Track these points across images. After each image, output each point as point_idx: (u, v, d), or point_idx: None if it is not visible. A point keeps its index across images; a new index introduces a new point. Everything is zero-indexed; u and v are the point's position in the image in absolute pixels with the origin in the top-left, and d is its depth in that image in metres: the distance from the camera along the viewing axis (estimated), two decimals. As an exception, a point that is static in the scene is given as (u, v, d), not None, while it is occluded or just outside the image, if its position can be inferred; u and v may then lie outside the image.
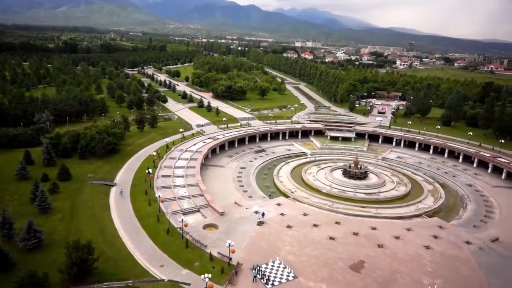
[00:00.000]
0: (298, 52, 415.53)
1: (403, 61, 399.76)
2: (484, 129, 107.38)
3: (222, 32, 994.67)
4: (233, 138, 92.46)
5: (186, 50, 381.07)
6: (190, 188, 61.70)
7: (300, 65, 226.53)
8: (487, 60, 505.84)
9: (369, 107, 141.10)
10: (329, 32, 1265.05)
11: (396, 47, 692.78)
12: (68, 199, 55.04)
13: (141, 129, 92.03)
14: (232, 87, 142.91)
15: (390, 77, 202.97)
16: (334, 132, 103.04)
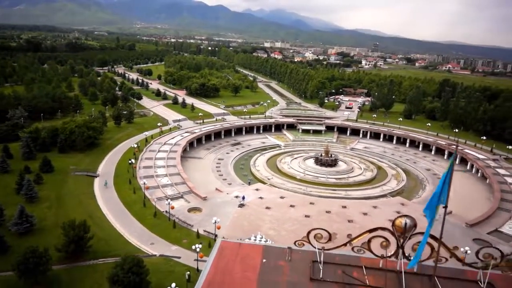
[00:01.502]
0: (267, 52, 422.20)
1: (368, 61, 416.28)
2: (441, 121, 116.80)
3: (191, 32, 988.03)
4: (210, 132, 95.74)
5: (155, 49, 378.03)
6: (172, 177, 64.63)
7: (270, 64, 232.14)
8: (445, 60, 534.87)
9: (337, 103, 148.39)
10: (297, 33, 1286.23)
11: (361, 48, 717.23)
12: (53, 189, 56.54)
13: (118, 125, 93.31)
14: (206, 85, 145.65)
15: (356, 75, 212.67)
16: (306, 125, 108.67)
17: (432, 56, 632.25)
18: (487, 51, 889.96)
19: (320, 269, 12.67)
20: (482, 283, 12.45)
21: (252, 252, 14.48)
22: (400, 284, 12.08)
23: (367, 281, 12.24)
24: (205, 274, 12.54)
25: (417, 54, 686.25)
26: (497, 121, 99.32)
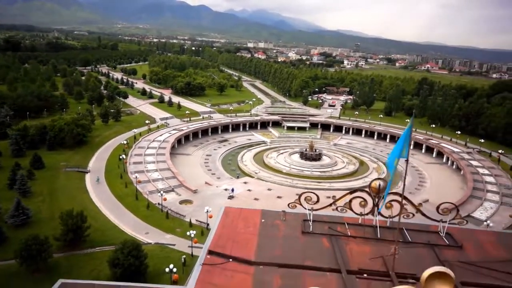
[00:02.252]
0: (251, 52, 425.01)
1: (350, 61, 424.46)
2: (420, 117, 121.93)
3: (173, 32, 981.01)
4: (197, 129, 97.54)
5: (138, 49, 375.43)
6: (162, 172, 66.38)
7: (255, 63, 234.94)
8: (424, 60, 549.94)
9: (321, 101, 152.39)
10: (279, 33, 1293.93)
11: (343, 48, 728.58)
12: (45, 184, 57.57)
13: (105, 123, 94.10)
14: (191, 84, 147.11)
15: (338, 75, 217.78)
16: (290, 122, 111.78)
17: (412, 56, 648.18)
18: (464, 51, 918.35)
19: (310, 225, 15.30)
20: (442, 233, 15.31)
21: (252, 215, 17.05)
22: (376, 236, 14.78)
23: (349, 233, 14.92)
24: (214, 229, 14.95)
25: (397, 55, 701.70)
26: (471, 117, 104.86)
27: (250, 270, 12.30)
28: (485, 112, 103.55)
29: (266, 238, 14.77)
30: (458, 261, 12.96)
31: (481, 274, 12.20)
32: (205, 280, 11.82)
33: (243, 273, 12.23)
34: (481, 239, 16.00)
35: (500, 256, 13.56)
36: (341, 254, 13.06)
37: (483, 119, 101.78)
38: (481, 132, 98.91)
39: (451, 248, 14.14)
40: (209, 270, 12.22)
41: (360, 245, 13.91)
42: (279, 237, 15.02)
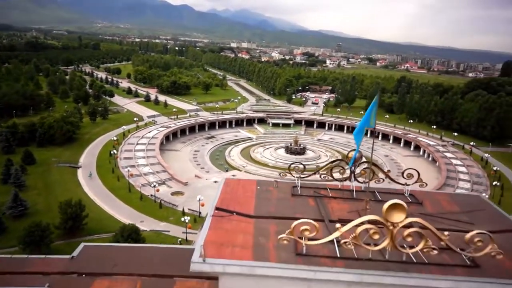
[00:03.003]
0: (235, 52, 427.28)
1: (332, 61, 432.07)
2: (399, 114, 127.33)
3: (155, 32, 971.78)
4: (185, 126, 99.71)
5: (121, 49, 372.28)
6: (153, 166, 68.50)
7: (239, 63, 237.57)
8: (404, 60, 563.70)
9: (304, 99, 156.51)
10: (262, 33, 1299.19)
11: (325, 48, 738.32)
12: (38, 179, 58.94)
13: (93, 121, 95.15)
14: (177, 83, 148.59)
15: (321, 74, 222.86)
16: (275, 119, 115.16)
17: (392, 56, 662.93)
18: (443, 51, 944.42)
19: (298, 190, 18.38)
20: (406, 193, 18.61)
21: (249, 183, 20.01)
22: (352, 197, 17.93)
23: (330, 195, 18.07)
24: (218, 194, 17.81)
25: (378, 55, 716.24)
26: (446, 113, 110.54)
27: (251, 221, 15.19)
28: (459, 108, 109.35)
29: (262, 199, 17.74)
30: (418, 213, 16.20)
31: (436, 221, 15.41)
32: (216, 226, 14.64)
33: (245, 222, 15.13)
34: (438, 198, 19.43)
35: (452, 210, 16.87)
36: (324, 209, 16.08)
37: (457, 115, 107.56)
38: (455, 126, 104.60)
39: (413, 204, 17.39)
40: (218, 220, 15.05)
41: (339, 204, 16.94)
42: (272, 198, 18.01)
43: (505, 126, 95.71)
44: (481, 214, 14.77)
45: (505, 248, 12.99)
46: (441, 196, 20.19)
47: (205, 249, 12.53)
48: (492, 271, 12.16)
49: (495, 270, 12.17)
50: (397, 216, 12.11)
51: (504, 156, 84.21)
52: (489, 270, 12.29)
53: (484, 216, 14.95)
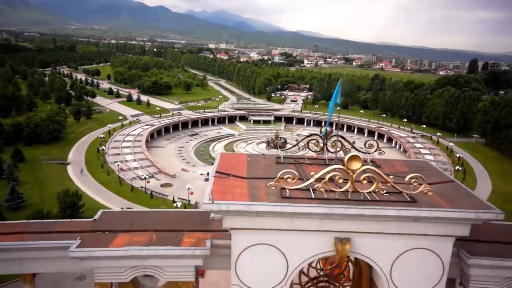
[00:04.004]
0: (213, 53, 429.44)
1: (310, 61, 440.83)
2: (373, 109, 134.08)
3: (131, 34, 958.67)
4: (168, 124, 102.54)
5: (97, 50, 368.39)
6: (141, 161, 71.32)
7: (218, 63, 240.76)
8: (379, 59, 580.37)
9: (283, 97, 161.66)
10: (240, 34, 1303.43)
11: (303, 49, 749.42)
12: (30, 174, 60.84)
13: (78, 120, 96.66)
14: (158, 83, 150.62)
15: (299, 73, 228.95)
16: (256, 116, 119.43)
17: (368, 56, 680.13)
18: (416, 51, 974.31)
19: (281, 159, 22.51)
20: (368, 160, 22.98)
21: (241, 156, 24.06)
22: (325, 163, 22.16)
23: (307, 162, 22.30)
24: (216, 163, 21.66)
25: (354, 54, 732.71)
26: (416, 107, 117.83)
27: (244, 180, 19.15)
28: (428, 102, 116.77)
29: (252, 166, 21.82)
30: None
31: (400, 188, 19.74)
32: (218, 182, 18.52)
33: (240, 181, 19.11)
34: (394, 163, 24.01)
35: (403, 170, 21.30)
36: (302, 171, 20.18)
37: (426, 109, 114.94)
38: (424, 120, 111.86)
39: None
40: (219, 179, 18.95)
41: (315, 168, 21.05)
42: (260, 166, 22.15)
43: (468, 118, 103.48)
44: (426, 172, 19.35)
45: (438, 192, 18.16)
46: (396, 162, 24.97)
47: (212, 195, 16.74)
48: (425, 203, 16.97)
49: (427, 203, 16.96)
50: (355, 164, 16.77)
51: (467, 146, 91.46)
52: (423, 203, 17.10)
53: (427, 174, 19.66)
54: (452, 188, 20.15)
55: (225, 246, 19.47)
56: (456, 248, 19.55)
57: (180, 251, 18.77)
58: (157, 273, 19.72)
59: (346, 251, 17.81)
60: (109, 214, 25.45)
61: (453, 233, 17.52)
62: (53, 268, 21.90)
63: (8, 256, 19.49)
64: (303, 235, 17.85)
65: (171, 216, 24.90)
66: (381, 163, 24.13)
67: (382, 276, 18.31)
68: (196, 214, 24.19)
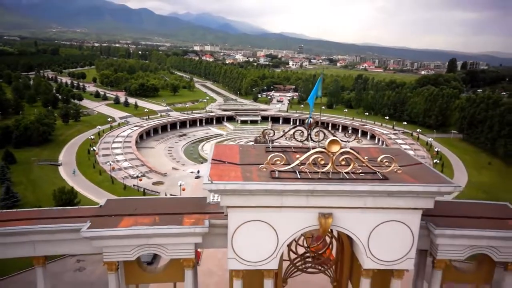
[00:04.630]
0: (199, 55, 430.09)
1: (295, 62, 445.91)
2: (356, 108, 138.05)
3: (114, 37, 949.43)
4: (157, 125, 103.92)
5: (81, 54, 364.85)
6: (132, 161, 72.71)
7: (204, 65, 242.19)
8: (362, 60, 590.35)
9: (270, 97, 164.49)
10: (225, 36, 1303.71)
11: (288, 50, 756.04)
12: (22, 175, 61.62)
13: (66, 123, 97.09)
14: (145, 85, 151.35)
15: (284, 74, 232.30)
16: (243, 117, 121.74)
17: (352, 56, 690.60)
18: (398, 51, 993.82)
19: (270, 148, 24.89)
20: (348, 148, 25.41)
21: (233, 146, 26.59)
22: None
23: (293, 150, 24.76)
24: (211, 153, 23.93)
25: (338, 55, 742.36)
26: (398, 105, 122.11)
27: (238, 166, 21.58)
28: (408, 101, 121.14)
29: (244, 155, 24.28)
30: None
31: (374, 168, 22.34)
32: (215, 167, 20.90)
33: (234, 167, 21.49)
34: (370, 150, 26.83)
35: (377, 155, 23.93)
36: (290, 158, 22.57)
37: (407, 107, 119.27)
38: (405, 117, 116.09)
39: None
40: (215, 165, 21.34)
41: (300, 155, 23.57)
42: (252, 154, 24.63)
43: (447, 115, 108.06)
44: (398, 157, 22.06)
45: (408, 171, 20.92)
46: (372, 148, 27.68)
47: (211, 177, 19.16)
48: (395, 180, 19.72)
49: (397, 180, 19.71)
50: (334, 147, 19.48)
51: (446, 141, 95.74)
52: (394, 180, 19.86)
53: (399, 158, 22.40)
54: (419, 169, 23.20)
55: (222, 226, 21.97)
56: (425, 222, 22.45)
57: (182, 229, 21.21)
58: (160, 251, 22.06)
59: (328, 224, 20.56)
60: (113, 201, 27.72)
61: (420, 205, 20.47)
62: (65, 250, 24.02)
63: (23, 239, 21.51)
64: (291, 211, 20.52)
65: (171, 202, 27.24)
66: (358, 149, 27.02)
67: (361, 247, 21.11)
68: (193, 200, 26.51)
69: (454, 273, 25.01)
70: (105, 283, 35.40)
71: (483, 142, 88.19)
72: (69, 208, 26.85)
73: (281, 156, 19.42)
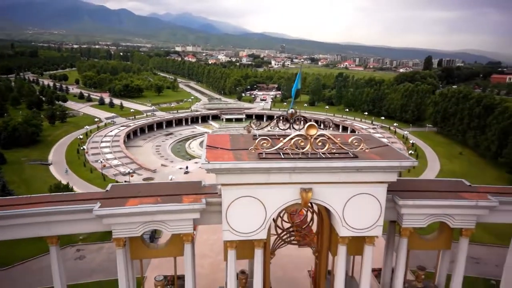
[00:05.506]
0: (181, 56, 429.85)
1: (277, 61, 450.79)
2: (337, 105, 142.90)
3: (93, 38, 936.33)
4: (144, 125, 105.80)
5: (61, 55, 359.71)
6: (121, 159, 74.75)
7: (187, 66, 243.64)
8: (343, 59, 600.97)
9: (253, 96, 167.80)
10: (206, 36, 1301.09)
11: (270, 50, 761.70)
12: (14, 175, 62.93)
13: (52, 124, 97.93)
14: (130, 86, 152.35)
15: (267, 73, 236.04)
16: (228, 115, 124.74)
17: (333, 56, 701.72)
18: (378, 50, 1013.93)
19: (257, 137, 28.10)
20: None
21: (224, 136, 29.61)
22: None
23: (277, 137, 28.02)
24: (205, 141, 26.97)
25: (320, 55, 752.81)
26: (376, 102, 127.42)
27: (230, 151, 24.69)
28: (386, 97, 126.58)
29: (234, 142, 27.43)
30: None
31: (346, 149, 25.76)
32: (210, 151, 23.95)
33: (227, 151, 24.61)
34: (344, 135, 30.33)
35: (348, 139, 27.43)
36: (274, 143, 25.84)
37: (385, 103, 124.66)
38: (384, 113, 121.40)
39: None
40: (210, 150, 24.40)
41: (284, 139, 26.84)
42: (241, 141, 27.81)
43: (422, 110, 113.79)
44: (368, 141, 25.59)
45: (375, 151, 24.64)
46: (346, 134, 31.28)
47: (207, 158, 22.35)
48: (363, 158, 23.29)
49: (365, 158, 23.28)
50: (312, 131, 23.00)
51: (421, 134, 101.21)
52: (362, 158, 23.45)
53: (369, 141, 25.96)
54: (386, 149, 26.96)
55: (216, 204, 25.18)
56: (391, 195, 26.14)
57: (182, 206, 24.37)
58: (163, 227, 25.08)
59: (309, 198, 24.02)
60: (118, 186, 30.62)
61: (385, 179, 24.20)
62: (77, 229, 26.80)
63: (39, 220, 24.22)
64: (276, 187, 23.94)
65: (170, 186, 30.31)
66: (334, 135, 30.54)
67: (337, 217, 24.69)
68: (190, 183, 29.63)
69: (418, 241, 28.82)
70: (105, 269, 38.23)
71: (454, 134, 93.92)
72: (78, 193, 29.41)
73: (267, 139, 22.72)
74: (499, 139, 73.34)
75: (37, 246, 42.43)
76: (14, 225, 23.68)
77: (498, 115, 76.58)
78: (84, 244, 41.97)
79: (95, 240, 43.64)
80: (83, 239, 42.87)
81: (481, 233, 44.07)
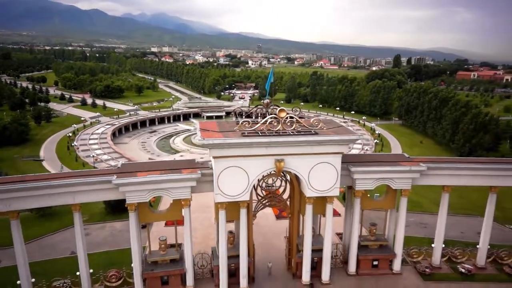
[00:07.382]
0: (158, 56, 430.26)
1: (254, 61, 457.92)
2: (312, 102, 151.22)
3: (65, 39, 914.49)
4: (128, 123, 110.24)
5: (34, 57, 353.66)
6: (110, 154, 79.57)
7: (166, 66, 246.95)
8: (319, 58, 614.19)
9: (232, 95, 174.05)
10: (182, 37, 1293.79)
11: (247, 50, 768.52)
12: (10, 170, 66.74)
13: (39, 124, 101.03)
14: (111, 86, 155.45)
15: (245, 73, 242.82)
16: (209, 113, 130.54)
17: (309, 55, 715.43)
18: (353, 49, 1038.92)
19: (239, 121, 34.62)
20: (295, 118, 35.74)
21: (212, 122, 36.19)
22: (269, 123, 34.64)
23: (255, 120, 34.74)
24: (198, 126, 33.43)
25: (296, 54, 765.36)
26: (348, 98, 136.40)
27: (219, 133, 31.21)
28: (357, 93, 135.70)
29: (221, 126, 34.01)
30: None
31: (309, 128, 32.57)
32: (203, 132, 30.38)
33: (216, 132, 31.10)
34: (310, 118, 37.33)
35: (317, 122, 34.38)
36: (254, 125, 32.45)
37: (355, 99, 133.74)
38: (354, 108, 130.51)
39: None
40: (203, 131, 30.84)
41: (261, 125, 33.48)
42: (227, 126, 34.44)
43: (389, 104, 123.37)
44: (328, 123, 32.64)
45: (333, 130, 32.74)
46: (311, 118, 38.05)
47: (202, 136, 29.34)
48: (323, 134, 30.93)
49: (324, 134, 30.89)
50: (282, 114, 30.59)
51: (388, 126, 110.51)
52: (322, 134, 31.09)
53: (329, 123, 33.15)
54: (340, 128, 34.38)
55: (209, 174, 31.78)
56: (346, 165, 33.37)
57: (183, 176, 30.87)
58: (166, 193, 31.28)
59: (281, 167, 30.96)
60: (127, 164, 36.93)
61: (340, 150, 31.50)
62: (97, 197, 32.85)
63: (66, 190, 30.17)
64: (256, 159, 30.80)
65: (170, 163, 36.82)
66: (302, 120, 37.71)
67: (304, 181, 31.73)
68: (186, 160, 36.24)
69: (369, 202, 36.50)
70: (109, 242, 43.92)
71: (416, 125, 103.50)
72: (96, 169, 35.13)
73: (248, 121, 29.53)
74: (452, 127, 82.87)
75: (47, 226, 47.76)
76: (46, 195, 29.45)
77: (451, 106, 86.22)
78: (88, 224, 47.18)
79: (97, 221, 49.11)
80: (86, 220, 48.09)
81: (429, 205, 52.27)
